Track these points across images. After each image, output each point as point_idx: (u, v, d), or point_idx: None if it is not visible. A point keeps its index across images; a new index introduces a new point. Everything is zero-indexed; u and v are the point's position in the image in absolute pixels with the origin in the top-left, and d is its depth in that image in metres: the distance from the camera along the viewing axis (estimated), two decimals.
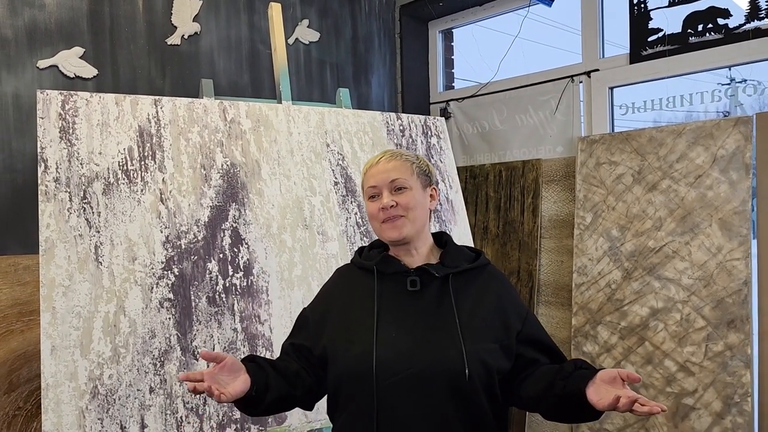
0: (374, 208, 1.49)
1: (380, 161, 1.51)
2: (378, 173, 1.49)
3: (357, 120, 2.60)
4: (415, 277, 1.46)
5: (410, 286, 1.45)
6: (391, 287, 1.47)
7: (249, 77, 3.20)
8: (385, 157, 1.51)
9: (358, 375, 1.38)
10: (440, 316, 1.42)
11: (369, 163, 1.53)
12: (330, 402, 1.50)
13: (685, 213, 2.64)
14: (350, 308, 1.50)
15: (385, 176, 1.48)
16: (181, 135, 2.21)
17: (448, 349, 1.37)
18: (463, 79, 4.05)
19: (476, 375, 1.36)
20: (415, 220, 1.48)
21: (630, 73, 3.04)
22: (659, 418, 2.62)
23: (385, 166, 1.49)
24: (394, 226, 1.46)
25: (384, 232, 1.48)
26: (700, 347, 2.54)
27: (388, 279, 1.49)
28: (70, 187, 1.99)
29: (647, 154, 2.79)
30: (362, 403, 1.38)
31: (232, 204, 2.22)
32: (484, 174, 3.51)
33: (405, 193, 1.48)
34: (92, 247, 1.97)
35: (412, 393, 1.35)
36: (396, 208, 1.46)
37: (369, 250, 1.59)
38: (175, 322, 2.01)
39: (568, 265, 3.10)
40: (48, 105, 2.04)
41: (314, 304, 1.60)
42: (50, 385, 1.80)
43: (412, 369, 1.36)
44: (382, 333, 1.40)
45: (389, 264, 1.50)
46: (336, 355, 1.44)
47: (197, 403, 1.97)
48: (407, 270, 1.48)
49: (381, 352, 1.37)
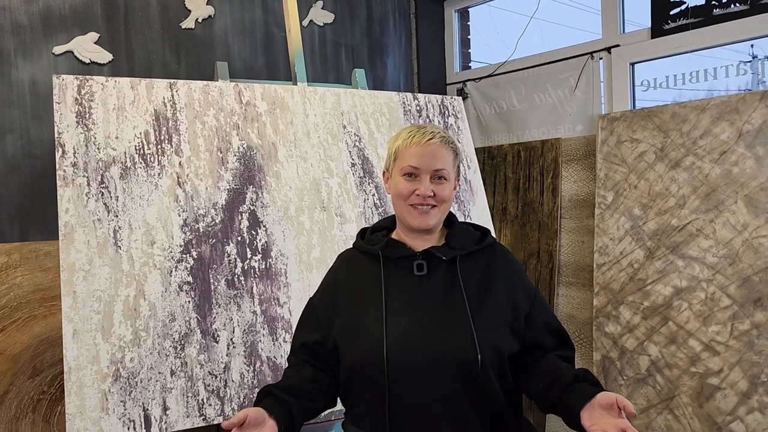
0: (408, 188, 1.41)
1: (428, 143, 1.40)
2: (424, 155, 1.40)
3: (373, 101, 2.57)
4: (421, 261, 1.42)
5: (417, 270, 1.41)
6: (398, 272, 1.43)
7: (264, 60, 3.18)
8: (434, 141, 1.41)
9: (370, 367, 1.36)
10: (449, 302, 1.39)
11: (414, 136, 1.42)
12: (343, 390, 1.48)
13: (709, 190, 2.58)
14: (357, 297, 1.45)
15: (431, 162, 1.39)
16: (197, 118, 2.20)
17: (460, 337, 1.34)
18: (478, 61, 3.99)
19: (489, 362, 1.33)
20: (444, 211, 1.44)
21: (652, 47, 2.97)
22: (683, 398, 2.58)
23: (432, 150, 1.40)
24: (424, 214, 1.40)
25: (411, 218, 1.42)
26: (726, 326, 2.49)
27: (393, 264, 1.44)
28: (88, 171, 1.99)
29: (670, 130, 2.73)
30: (374, 394, 1.36)
31: (250, 187, 2.20)
32: (502, 155, 3.47)
33: (444, 184, 1.41)
34: (111, 231, 1.97)
35: (424, 383, 1.33)
36: (433, 198, 1.40)
37: (371, 233, 1.53)
38: (195, 305, 2.01)
39: (589, 245, 3.06)
40: (64, 90, 2.04)
41: (320, 293, 1.55)
42: (73, 368, 1.82)
43: (423, 359, 1.33)
44: (391, 323, 1.37)
45: (395, 248, 1.45)
46: (346, 347, 1.41)
47: (218, 386, 1.97)
48: (413, 254, 1.43)
49: (391, 344, 1.34)
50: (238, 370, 2.01)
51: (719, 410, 2.48)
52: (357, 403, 1.42)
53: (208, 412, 1.94)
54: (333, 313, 1.47)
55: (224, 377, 1.98)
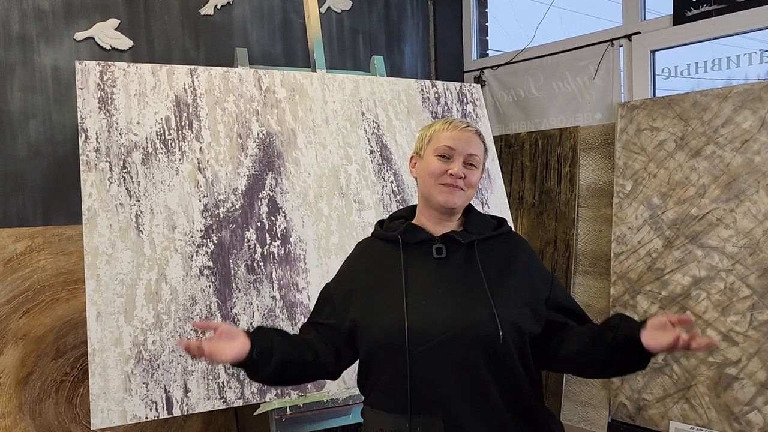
0: (441, 167, 1.45)
1: (464, 129, 1.48)
2: (460, 139, 1.46)
3: (392, 88, 2.57)
4: (440, 245, 1.45)
5: (436, 253, 1.44)
6: (417, 256, 1.46)
7: (282, 47, 3.18)
8: (470, 129, 1.48)
9: (391, 345, 1.37)
10: (468, 282, 1.41)
11: (451, 123, 1.49)
12: (360, 374, 1.49)
13: (730, 179, 2.56)
14: (377, 281, 1.48)
15: (466, 145, 1.46)
16: (217, 104, 2.21)
17: (480, 313, 1.36)
18: (495, 49, 3.96)
19: (510, 338, 1.35)
20: (469, 197, 1.49)
21: (673, 35, 2.94)
22: (700, 388, 2.57)
23: (468, 136, 1.47)
24: (452, 193, 1.44)
25: (440, 194, 1.45)
26: (745, 316, 2.48)
27: (412, 248, 1.47)
28: (110, 156, 2.01)
29: (691, 119, 2.70)
30: (395, 372, 1.37)
31: (269, 173, 2.22)
32: (520, 143, 3.45)
33: (474, 171, 1.47)
34: (133, 215, 1.99)
35: (445, 359, 1.35)
36: (463, 180, 1.45)
37: (390, 221, 1.57)
38: (215, 289, 2.03)
39: (607, 234, 3.05)
40: (87, 76, 2.06)
41: (338, 279, 1.57)
42: (96, 350, 1.85)
43: (444, 335, 1.35)
44: (411, 302, 1.39)
45: (413, 233, 1.48)
46: (367, 328, 1.43)
47: (238, 369, 1.99)
48: (432, 238, 1.47)
49: (412, 321, 1.36)
50: None
51: (737, 400, 2.48)
52: (377, 384, 1.43)
53: (229, 395, 1.97)
54: (350, 299, 1.48)
55: None
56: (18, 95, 2.45)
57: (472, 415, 1.35)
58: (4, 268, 2.31)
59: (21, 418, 2.27)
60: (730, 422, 2.49)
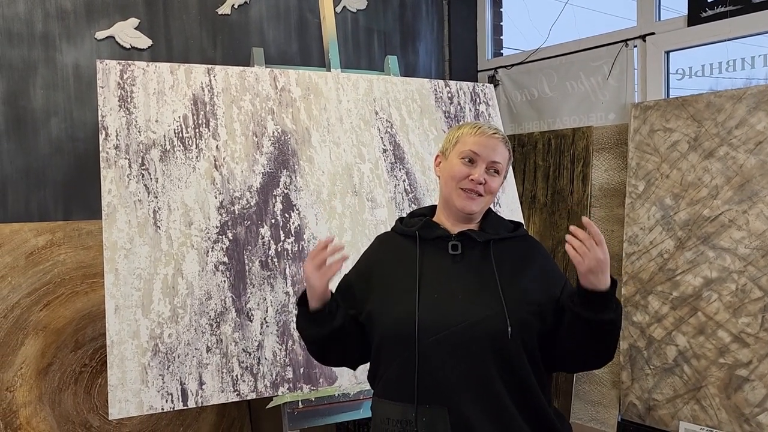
0: (465, 171, 1.48)
1: (491, 136, 1.50)
2: (486, 145, 1.48)
3: (405, 87, 2.60)
4: (456, 242, 1.48)
5: (452, 250, 1.47)
6: (433, 252, 1.49)
7: (297, 46, 3.22)
8: (497, 136, 1.50)
9: (401, 335, 1.41)
10: (481, 279, 1.44)
11: (479, 128, 1.51)
12: (372, 365, 1.53)
13: (743, 181, 2.56)
14: (392, 273, 1.51)
15: (491, 152, 1.48)
16: (234, 103, 2.25)
17: (490, 309, 1.39)
18: (510, 48, 3.97)
19: (518, 334, 1.37)
20: (488, 203, 1.52)
21: (688, 35, 2.93)
22: (710, 389, 2.58)
23: (494, 143, 1.49)
24: (471, 199, 1.47)
25: (458, 198, 1.48)
26: (756, 318, 2.48)
27: (429, 244, 1.50)
28: (129, 154, 2.06)
29: (704, 120, 2.70)
30: (404, 362, 1.40)
31: (283, 171, 2.26)
32: (533, 142, 3.47)
33: (496, 178, 1.50)
34: (151, 211, 2.04)
35: (453, 352, 1.37)
36: (484, 186, 1.47)
37: (410, 218, 1.60)
38: (230, 284, 2.08)
39: (619, 235, 3.05)
40: (107, 74, 2.11)
41: (357, 270, 1.60)
42: (115, 342, 1.90)
43: (453, 328, 1.38)
44: (424, 295, 1.43)
45: (431, 229, 1.52)
46: (379, 317, 1.46)
47: (252, 363, 2.04)
48: (449, 235, 1.50)
49: (423, 313, 1.40)
50: (270, 349, 2.07)
51: (747, 402, 2.48)
52: (385, 374, 1.46)
53: (242, 388, 2.01)
54: (369, 288, 1.52)
55: (257, 355, 2.05)
56: (41, 93, 2.51)
57: (478, 408, 1.37)
58: (26, 262, 2.37)
59: (41, 407, 2.33)
60: (740, 424, 2.49)
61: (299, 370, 2.08)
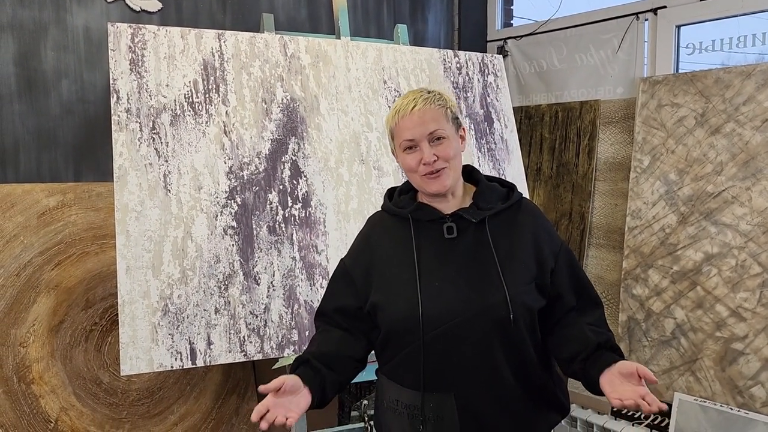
0: (413, 161, 1.41)
1: (414, 111, 1.40)
2: (414, 125, 1.40)
3: (414, 57, 2.60)
4: (451, 224, 1.44)
5: (447, 233, 1.43)
6: (428, 235, 1.45)
7: (307, 13, 3.21)
8: (418, 106, 1.40)
9: (406, 329, 1.41)
10: (480, 262, 1.41)
11: (398, 111, 1.42)
12: (379, 347, 1.53)
13: (748, 158, 2.57)
14: (390, 260, 1.48)
15: (422, 129, 1.39)
16: (243, 69, 2.26)
17: (492, 296, 1.38)
18: (520, 17, 3.94)
19: (521, 319, 1.38)
20: (456, 168, 1.44)
21: (700, 10, 2.91)
22: (706, 361, 2.63)
23: (420, 117, 1.39)
24: (439, 178, 1.41)
25: (427, 186, 1.43)
26: (754, 293, 2.52)
27: (423, 227, 1.46)
28: (140, 117, 2.09)
29: (712, 96, 2.70)
30: (410, 353, 1.42)
31: (292, 138, 2.28)
32: (540, 115, 3.47)
33: (443, 143, 1.41)
34: (161, 175, 2.07)
35: (459, 341, 1.39)
36: (438, 161, 1.40)
37: (399, 195, 1.55)
38: (238, 248, 2.12)
39: (622, 209, 3.08)
40: (119, 38, 2.12)
41: (353, 257, 1.55)
42: (126, 301, 1.95)
43: (457, 319, 1.38)
44: (425, 285, 1.41)
45: (424, 212, 1.47)
46: (383, 311, 1.46)
47: (258, 325, 2.09)
48: (442, 216, 1.45)
49: (426, 305, 1.39)
50: (277, 312, 2.12)
51: (741, 375, 2.53)
52: (393, 359, 1.48)
53: (249, 349, 2.07)
54: (369, 277, 1.49)
55: (264, 317, 2.10)
56: (51, 54, 2.53)
57: (484, 393, 1.40)
58: (38, 222, 2.42)
59: (53, 363, 2.40)
60: (734, 395, 2.55)
61: (305, 333, 2.13)
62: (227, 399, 2.72)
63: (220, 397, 2.70)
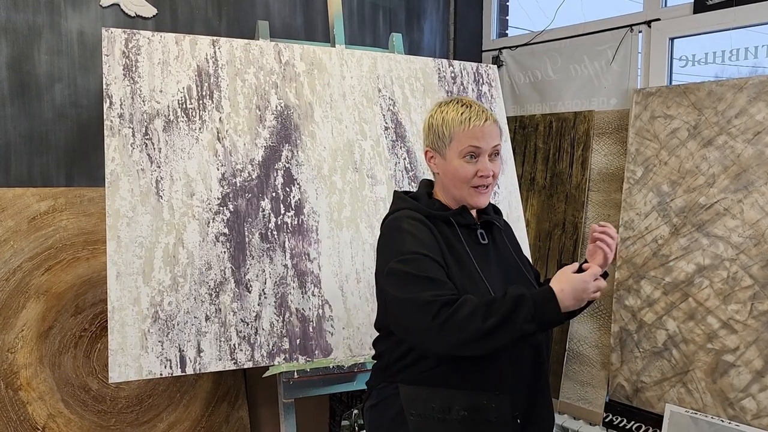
0: (471, 171, 1.44)
1: (486, 124, 1.44)
2: (484, 135, 1.44)
3: (409, 66, 2.60)
4: (482, 231, 1.55)
5: (481, 239, 1.53)
6: (467, 238, 1.51)
7: (302, 20, 3.21)
8: (489, 120, 1.46)
9: None
10: (510, 265, 1.57)
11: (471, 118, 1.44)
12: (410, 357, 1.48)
13: (740, 170, 2.58)
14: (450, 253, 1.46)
15: (490, 141, 1.45)
16: (238, 76, 2.26)
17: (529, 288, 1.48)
18: (515, 27, 3.96)
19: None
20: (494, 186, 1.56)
21: (693, 23, 2.93)
22: (697, 373, 2.63)
23: (491, 131, 1.45)
24: (485, 194, 1.49)
25: (475, 198, 1.48)
26: (746, 305, 2.52)
27: (462, 230, 1.52)
28: (133, 123, 2.08)
29: (705, 108, 2.71)
30: None
31: (285, 145, 2.28)
32: (534, 125, 3.48)
33: (497, 161, 1.49)
34: (153, 181, 2.06)
35: None
36: (491, 177, 1.47)
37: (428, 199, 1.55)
38: (230, 255, 2.11)
39: (615, 219, 3.08)
40: (112, 43, 2.11)
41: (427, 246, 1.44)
42: (116, 308, 1.94)
43: None
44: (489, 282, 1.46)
45: (463, 216, 1.52)
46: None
47: (249, 333, 2.08)
48: (475, 223, 1.55)
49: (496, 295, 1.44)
50: (268, 320, 2.11)
51: (732, 387, 2.54)
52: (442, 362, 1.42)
53: (239, 356, 2.05)
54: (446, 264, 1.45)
55: (255, 325, 2.09)
56: (45, 58, 2.51)
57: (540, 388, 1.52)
58: (29, 226, 2.40)
59: (41, 369, 2.38)
60: (725, 407, 2.55)
61: (295, 341, 2.12)
62: (217, 407, 2.70)
63: (210, 405, 2.68)
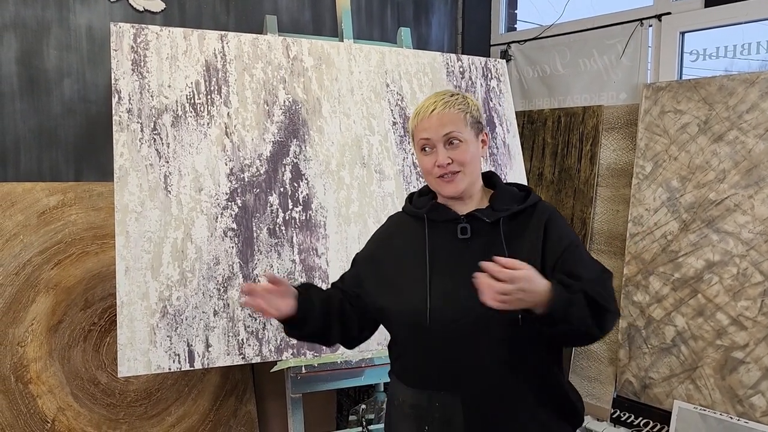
0: (429, 163, 1.43)
1: (433, 113, 1.42)
2: (431, 126, 1.41)
3: (417, 60, 2.59)
4: (465, 225, 1.44)
5: (460, 233, 1.43)
6: (442, 235, 1.46)
7: (310, 15, 3.21)
8: (438, 109, 1.42)
9: (414, 325, 1.41)
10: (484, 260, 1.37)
11: (420, 111, 1.45)
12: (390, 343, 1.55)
13: (751, 165, 2.56)
14: (402, 258, 1.49)
15: (439, 129, 1.41)
16: (246, 70, 2.26)
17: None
18: (524, 21, 3.94)
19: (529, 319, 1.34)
20: (471, 173, 1.44)
21: (704, 17, 2.91)
22: (706, 369, 2.62)
23: (439, 119, 1.41)
24: (452, 182, 1.42)
25: (441, 189, 1.45)
26: (755, 302, 2.50)
27: (439, 227, 1.47)
28: (142, 118, 2.08)
29: (716, 103, 2.69)
30: (417, 350, 1.43)
31: (293, 140, 2.27)
32: (543, 119, 3.46)
33: (460, 147, 1.42)
34: (162, 176, 2.07)
35: (466, 341, 1.38)
36: (452, 164, 1.41)
37: (419, 197, 1.57)
38: (238, 250, 2.11)
39: (624, 215, 3.07)
40: (121, 38, 2.12)
41: (366, 253, 1.60)
42: (125, 302, 1.94)
43: (466, 318, 1.37)
44: (435, 283, 1.41)
45: (439, 212, 1.48)
46: (391, 307, 1.46)
47: (257, 328, 2.09)
48: (457, 217, 1.45)
49: (435, 303, 1.39)
50: None
51: (741, 383, 2.52)
52: (401, 357, 1.49)
53: (247, 351, 2.06)
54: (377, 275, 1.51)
55: (263, 320, 2.10)
56: (54, 53, 2.52)
57: (492, 395, 1.39)
58: (38, 221, 2.41)
59: (51, 363, 2.40)
60: (734, 404, 2.54)
61: None
62: (225, 401, 2.71)
63: (218, 399, 2.69)
